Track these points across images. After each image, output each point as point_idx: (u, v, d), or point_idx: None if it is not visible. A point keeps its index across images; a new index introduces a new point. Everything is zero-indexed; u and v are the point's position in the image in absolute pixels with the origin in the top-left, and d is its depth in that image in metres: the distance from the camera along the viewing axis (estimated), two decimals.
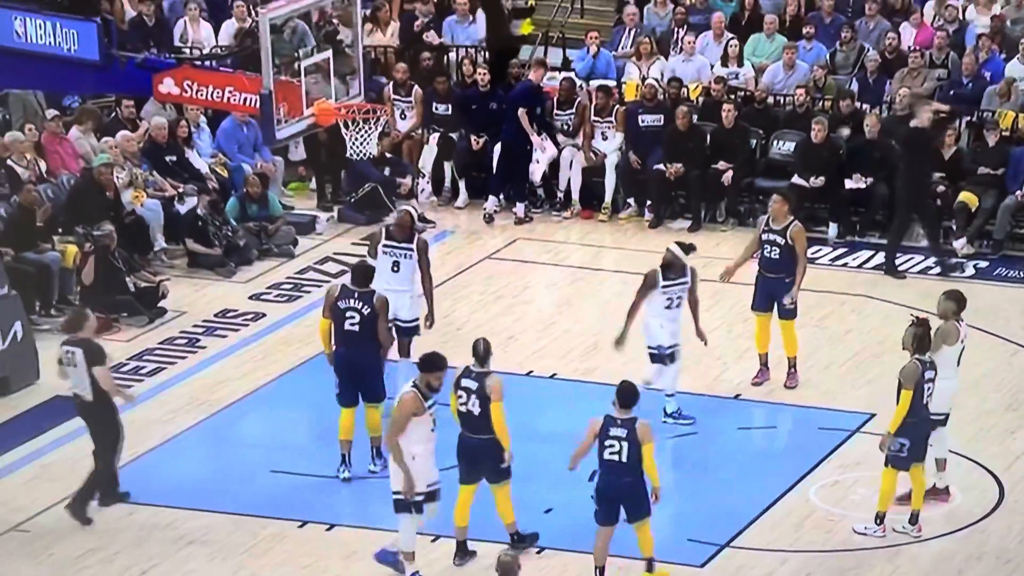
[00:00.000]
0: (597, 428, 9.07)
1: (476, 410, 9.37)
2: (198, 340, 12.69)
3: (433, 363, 9.11)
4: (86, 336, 10.21)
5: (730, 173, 14.71)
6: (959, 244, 14.08)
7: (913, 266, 13.97)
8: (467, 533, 9.57)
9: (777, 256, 11.34)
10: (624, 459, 8.98)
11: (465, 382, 9.43)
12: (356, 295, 10.36)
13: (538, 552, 9.60)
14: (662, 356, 10.92)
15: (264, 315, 13.15)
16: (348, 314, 10.35)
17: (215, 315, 13.12)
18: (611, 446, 8.98)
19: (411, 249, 11.13)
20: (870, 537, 9.67)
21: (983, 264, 13.75)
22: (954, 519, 9.94)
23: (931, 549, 9.68)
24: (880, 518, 9.70)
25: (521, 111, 14.88)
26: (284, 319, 13.08)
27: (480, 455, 9.46)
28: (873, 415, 10.68)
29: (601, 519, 9.15)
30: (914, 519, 9.73)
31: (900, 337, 11.51)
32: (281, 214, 14.68)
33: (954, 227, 14.17)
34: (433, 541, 9.80)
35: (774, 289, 11.37)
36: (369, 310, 10.30)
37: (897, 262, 13.66)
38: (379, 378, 10.41)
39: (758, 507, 10.04)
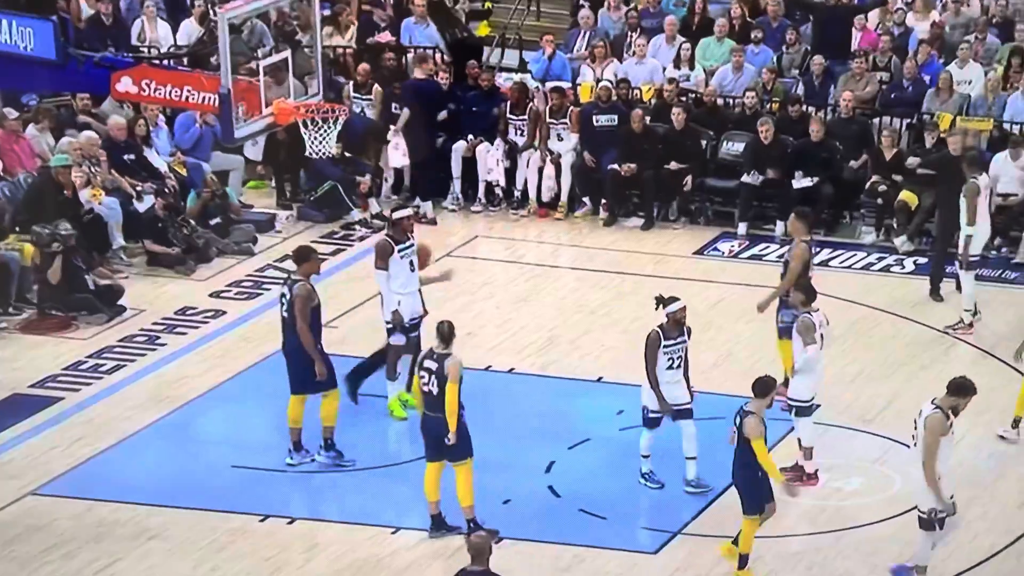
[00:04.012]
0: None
1: (435, 390, 9.61)
2: (158, 338, 12.74)
3: (968, 388, 9.03)
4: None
5: (690, 177, 14.93)
6: (899, 241, 14.43)
7: (856, 263, 14.30)
8: (440, 507, 9.80)
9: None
10: (735, 446, 9.23)
11: (427, 363, 9.67)
12: (288, 281, 10.56)
13: (497, 542, 9.78)
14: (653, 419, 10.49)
15: (224, 312, 13.23)
16: (281, 301, 10.55)
17: (175, 313, 13.18)
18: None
19: (414, 245, 11.23)
20: (1009, 440, 10.40)
21: (922, 260, 14.06)
22: (895, 504, 10.20)
23: (873, 533, 9.94)
24: (1016, 422, 10.54)
25: (406, 110, 15.03)
26: (244, 316, 13.14)
27: (441, 433, 9.68)
28: (818, 405, 10.97)
29: None
30: (1016, 423, 10.58)
31: (842, 330, 11.84)
32: (237, 204, 14.79)
33: (895, 225, 14.53)
34: (394, 533, 9.97)
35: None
36: (289, 296, 10.44)
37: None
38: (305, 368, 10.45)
39: (709, 494, 10.25)
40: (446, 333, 9.71)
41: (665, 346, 10.10)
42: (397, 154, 15.41)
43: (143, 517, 10.07)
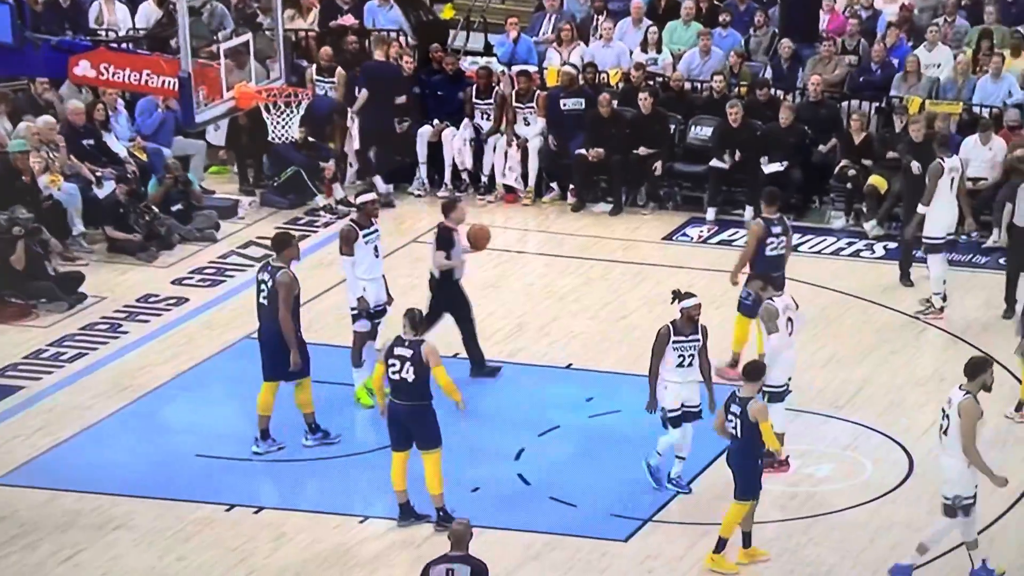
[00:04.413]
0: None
1: (411, 377, 9.50)
2: (120, 325, 12.59)
3: (985, 362, 9.04)
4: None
5: (660, 163, 14.81)
6: (869, 226, 14.39)
7: (826, 248, 14.26)
8: (407, 496, 9.72)
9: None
10: (739, 434, 9.12)
11: (399, 350, 9.54)
12: (267, 267, 10.44)
13: None
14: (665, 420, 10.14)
15: (187, 300, 13.09)
16: (259, 287, 10.46)
17: (137, 300, 13.02)
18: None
19: (378, 231, 11.13)
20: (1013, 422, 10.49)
21: (892, 245, 14.02)
22: (866, 490, 10.20)
23: (844, 519, 9.92)
24: (1019, 405, 10.67)
25: (364, 92, 14.87)
26: (207, 303, 13.01)
27: (410, 421, 9.59)
28: (789, 392, 10.93)
29: None
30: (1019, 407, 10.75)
31: (812, 315, 11.82)
32: (199, 190, 14.62)
33: (865, 210, 14.49)
34: (362, 522, 9.88)
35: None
36: (271, 283, 10.35)
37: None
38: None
39: (671, 487, 10.17)
40: (416, 320, 9.61)
41: (675, 342, 9.85)
42: (353, 139, 15.26)
43: (107, 507, 9.94)
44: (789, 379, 10.39)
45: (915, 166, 13.07)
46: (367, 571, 9.41)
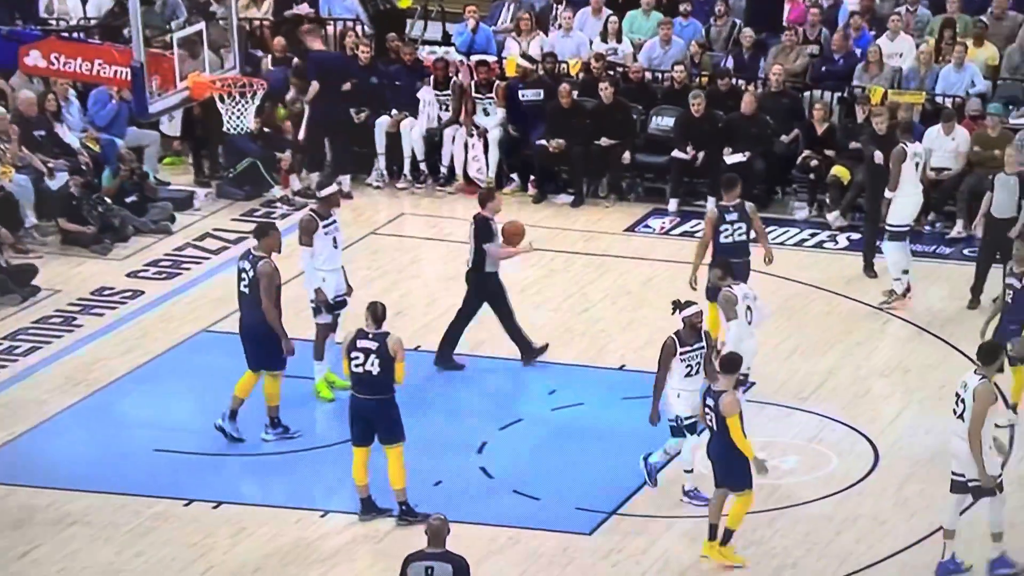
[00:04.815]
0: None
1: (375, 370, 9.40)
2: (74, 319, 12.42)
3: (998, 348, 9.06)
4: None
5: (627, 153, 14.73)
6: (832, 217, 14.40)
7: (789, 239, 14.23)
8: (369, 490, 9.62)
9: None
10: (715, 427, 9.03)
11: (362, 343, 9.43)
12: (248, 256, 10.26)
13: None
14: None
15: (142, 293, 12.94)
16: (240, 276, 10.37)
17: (91, 293, 12.86)
18: None
19: (337, 222, 11.02)
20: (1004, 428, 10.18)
21: (855, 236, 14.01)
22: (831, 483, 10.17)
23: (809, 512, 9.90)
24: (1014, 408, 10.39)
25: (315, 84, 14.72)
26: (163, 296, 12.87)
27: (375, 416, 9.49)
28: (753, 383, 10.89)
29: None
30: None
31: (776, 307, 11.77)
32: (152, 181, 14.45)
33: (827, 200, 14.48)
34: (322, 516, 9.77)
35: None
36: (252, 272, 10.26)
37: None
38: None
39: (644, 475, 10.16)
40: (379, 314, 9.49)
41: (682, 353, 9.66)
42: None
43: (63, 502, 9.82)
44: (748, 368, 10.33)
45: (877, 155, 13.04)
46: (328, 565, 9.32)
